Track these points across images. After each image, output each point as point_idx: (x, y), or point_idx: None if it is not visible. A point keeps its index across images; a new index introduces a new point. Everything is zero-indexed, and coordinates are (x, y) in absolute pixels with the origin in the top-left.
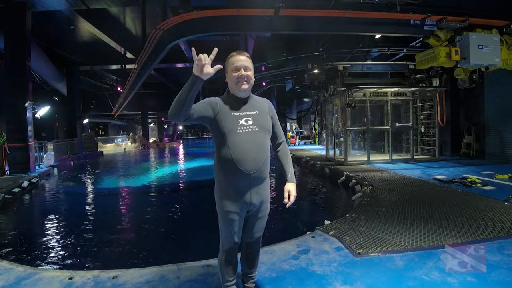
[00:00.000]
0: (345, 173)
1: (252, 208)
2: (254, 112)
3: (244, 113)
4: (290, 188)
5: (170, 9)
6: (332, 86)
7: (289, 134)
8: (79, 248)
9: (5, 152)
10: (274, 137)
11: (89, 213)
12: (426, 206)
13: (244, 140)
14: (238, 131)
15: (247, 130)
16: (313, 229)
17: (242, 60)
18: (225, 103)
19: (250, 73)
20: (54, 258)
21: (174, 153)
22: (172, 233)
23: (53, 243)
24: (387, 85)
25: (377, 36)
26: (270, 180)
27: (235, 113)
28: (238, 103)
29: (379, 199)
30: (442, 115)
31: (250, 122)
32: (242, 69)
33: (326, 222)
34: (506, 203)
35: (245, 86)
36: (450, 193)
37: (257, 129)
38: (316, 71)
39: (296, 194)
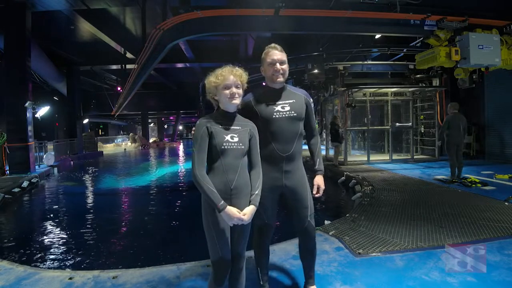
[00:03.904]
0: (345, 173)
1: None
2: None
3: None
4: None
5: (170, 9)
6: (332, 86)
7: None
8: (79, 248)
9: (5, 152)
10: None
11: (89, 213)
12: (426, 206)
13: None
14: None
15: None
16: None
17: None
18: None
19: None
20: (54, 258)
21: (174, 153)
22: (172, 233)
23: (53, 243)
24: (387, 85)
25: (377, 36)
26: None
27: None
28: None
29: (379, 199)
30: (442, 115)
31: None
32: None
33: (326, 222)
34: (506, 203)
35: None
36: (450, 193)
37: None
38: (316, 71)
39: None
